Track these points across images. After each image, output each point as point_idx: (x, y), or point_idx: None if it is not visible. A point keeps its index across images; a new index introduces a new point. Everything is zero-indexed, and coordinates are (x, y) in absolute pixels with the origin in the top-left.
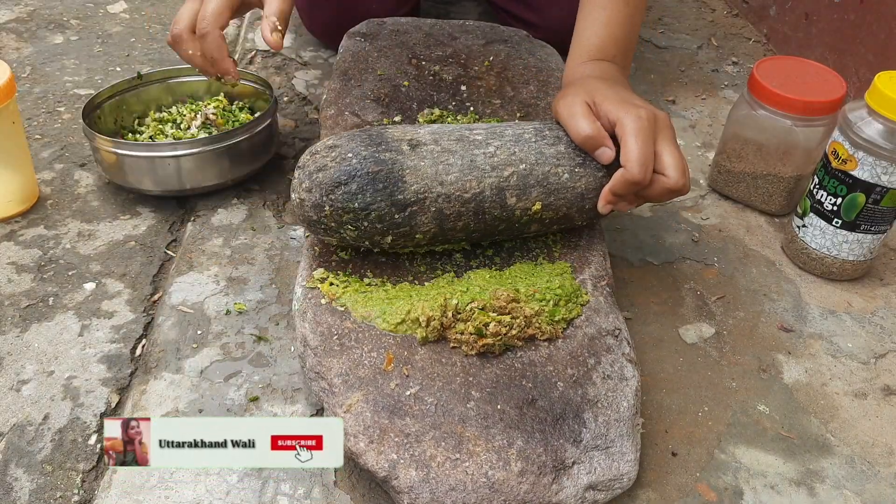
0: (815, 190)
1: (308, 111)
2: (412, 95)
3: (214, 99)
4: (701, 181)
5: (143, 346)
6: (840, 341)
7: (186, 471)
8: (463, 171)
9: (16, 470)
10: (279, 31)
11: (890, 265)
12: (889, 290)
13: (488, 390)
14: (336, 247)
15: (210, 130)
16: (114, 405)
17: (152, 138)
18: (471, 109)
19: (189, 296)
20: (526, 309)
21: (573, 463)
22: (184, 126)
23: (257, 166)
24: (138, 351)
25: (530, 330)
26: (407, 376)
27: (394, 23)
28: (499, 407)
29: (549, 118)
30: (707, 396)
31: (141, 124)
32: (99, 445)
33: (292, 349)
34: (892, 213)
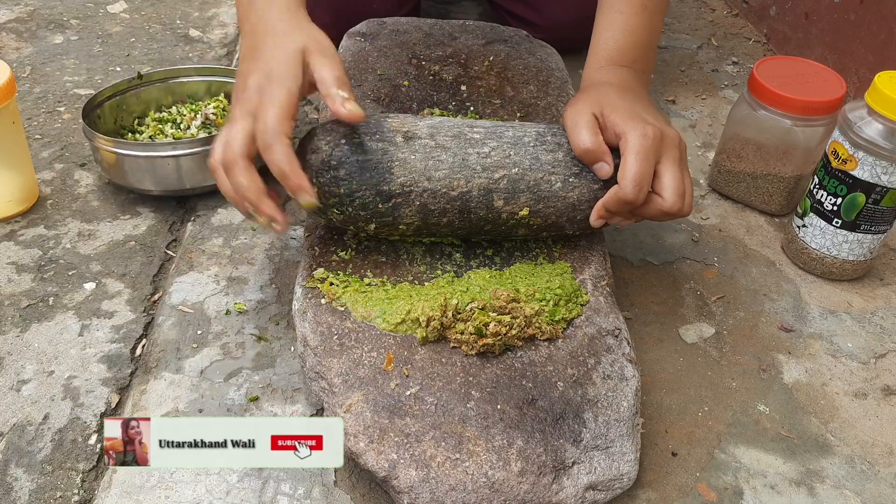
0: (815, 190)
1: (308, 111)
2: (412, 95)
3: (215, 99)
4: (701, 181)
5: (143, 346)
6: (840, 341)
7: (186, 471)
8: (453, 169)
9: (16, 470)
10: (350, 100)
11: (890, 265)
12: (889, 290)
13: (488, 390)
14: (336, 247)
15: (210, 130)
16: (114, 405)
17: (152, 138)
18: (471, 109)
19: (189, 296)
20: (526, 309)
21: (573, 463)
22: (183, 126)
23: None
24: (138, 351)
25: (530, 330)
26: (407, 376)
27: (394, 23)
28: (499, 407)
29: (552, 119)
30: (707, 396)
31: (141, 124)
32: (99, 445)
33: (292, 349)
34: (892, 213)
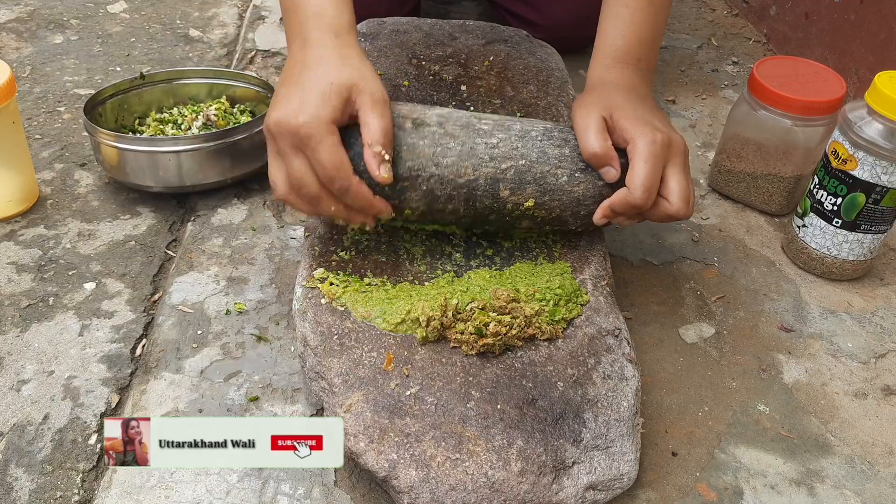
0: (815, 190)
1: None
2: (412, 95)
3: (216, 101)
4: (701, 181)
5: (143, 346)
6: (840, 341)
7: (186, 471)
8: (461, 157)
9: (16, 470)
10: (387, 163)
11: (890, 265)
12: (889, 290)
13: (488, 390)
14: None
15: (210, 131)
16: (114, 405)
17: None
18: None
19: (189, 296)
20: (526, 309)
21: (573, 463)
22: (184, 127)
23: (258, 166)
24: (138, 351)
25: (530, 330)
26: (407, 376)
27: (394, 23)
28: (499, 407)
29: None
30: (707, 396)
31: (142, 124)
32: (99, 445)
33: (292, 349)
34: (892, 213)
